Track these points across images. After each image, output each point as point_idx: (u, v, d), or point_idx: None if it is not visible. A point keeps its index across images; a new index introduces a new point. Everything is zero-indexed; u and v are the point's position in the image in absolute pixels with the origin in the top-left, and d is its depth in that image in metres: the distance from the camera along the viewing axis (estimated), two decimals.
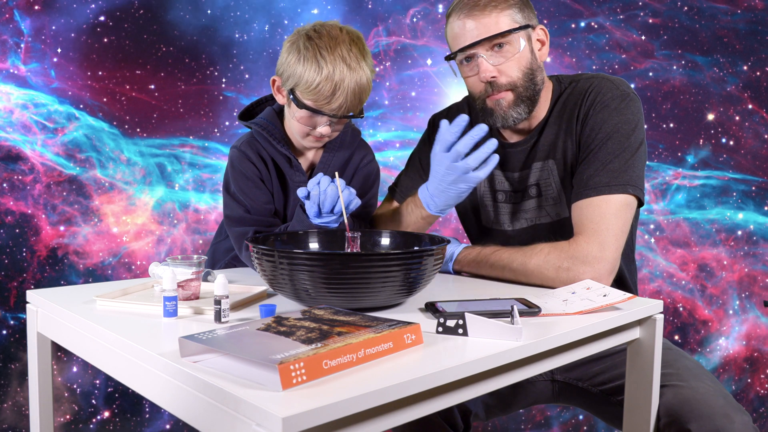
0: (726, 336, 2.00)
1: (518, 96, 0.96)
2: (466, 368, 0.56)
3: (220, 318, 0.67)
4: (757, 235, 1.99)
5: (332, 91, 0.89)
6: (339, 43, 0.89)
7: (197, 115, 1.93)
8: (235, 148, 1.00)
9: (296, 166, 1.00)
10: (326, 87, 0.88)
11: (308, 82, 0.89)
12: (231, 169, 0.99)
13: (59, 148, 1.86)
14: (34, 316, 0.80)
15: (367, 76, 0.91)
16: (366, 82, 0.91)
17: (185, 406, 0.53)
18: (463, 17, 0.94)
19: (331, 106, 0.90)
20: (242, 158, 0.98)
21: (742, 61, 1.97)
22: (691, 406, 0.81)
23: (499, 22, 0.92)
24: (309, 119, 0.93)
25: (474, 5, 0.93)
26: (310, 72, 0.89)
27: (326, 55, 0.88)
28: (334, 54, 0.88)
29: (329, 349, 0.52)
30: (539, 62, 0.97)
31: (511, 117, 0.97)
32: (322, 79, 0.88)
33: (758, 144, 1.99)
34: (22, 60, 1.82)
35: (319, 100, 0.90)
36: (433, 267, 0.75)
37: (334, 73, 0.88)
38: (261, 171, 0.99)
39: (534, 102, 0.97)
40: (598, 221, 0.89)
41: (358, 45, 0.92)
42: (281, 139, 0.99)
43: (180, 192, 1.94)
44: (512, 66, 0.94)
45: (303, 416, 0.44)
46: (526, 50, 0.94)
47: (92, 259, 1.87)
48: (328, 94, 0.89)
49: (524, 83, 0.95)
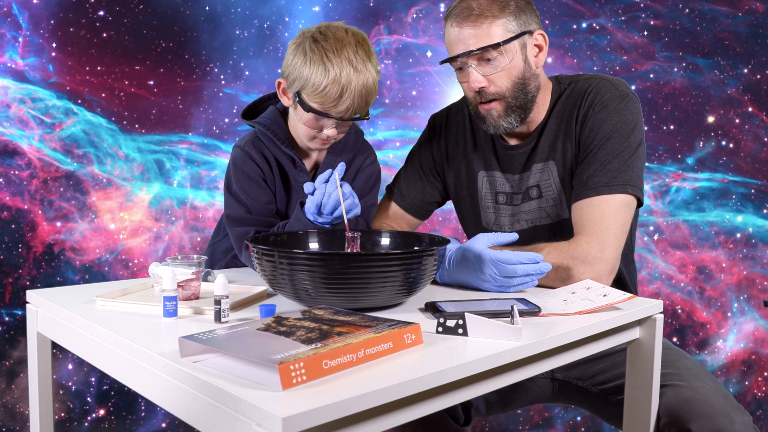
0: (724, 338, 2.01)
1: (508, 106, 0.96)
2: (466, 368, 0.56)
3: (220, 318, 0.67)
4: (755, 237, 2.00)
5: (339, 93, 0.88)
6: (345, 45, 0.89)
7: (196, 111, 1.92)
8: (238, 148, 0.99)
9: (300, 167, 1.00)
10: (333, 90, 0.88)
11: (315, 85, 0.88)
12: (234, 168, 0.98)
13: (56, 144, 1.84)
14: (34, 316, 0.80)
15: (373, 77, 0.91)
16: (372, 84, 0.91)
17: (185, 406, 0.53)
18: (456, 25, 0.94)
19: (338, 108, 0.90)
20: (245, 158, 0.97)
21: (742, 64, 1.98)
22: (691, 406, 0.81)
23: (491, 33, 0.91)
24: (315, 122, 0.93)
25: (468, 15, 0.92)
26: (317, 75, 0.88)
27: (333, 57, 0.88)
28: (340, 56, 0.88)
29: (329, 349, 0.52)
30: (534, 69, 0.96)
31: (501, 126, 0.97)
32: (329, 81, 0.88)
33: (758, 147, 1.99)
34: (19, 54, 1.81)
35: (326, 102, 0.89)
36: (433, 267, 0.75)
37: (341, 75, 0.87)
38: (264, 171, 0.98)
39: (526, 110, 0.97)
40: (597, 221, 0.89)
41: (364, 46, 0.91)
42: (285, 139, 0.99)
43: (178, 189, 1.93)
44: (502, 76, 0.94)
45: (303, 416, 0.44)
46: (518, 60, 0.94)
47: (89, 255, 1.86)
48: (335, 96, 0.88)
49: (514, 93, 0.95)
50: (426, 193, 1.13)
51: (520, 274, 0.81)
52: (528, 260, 0.81)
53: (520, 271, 0.81)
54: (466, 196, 1.10)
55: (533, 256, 0.81)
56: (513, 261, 0.81)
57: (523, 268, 0.81)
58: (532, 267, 0.81)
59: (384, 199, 1.16)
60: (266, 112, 1.01)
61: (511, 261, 0.81)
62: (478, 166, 1.08)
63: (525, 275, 0.81)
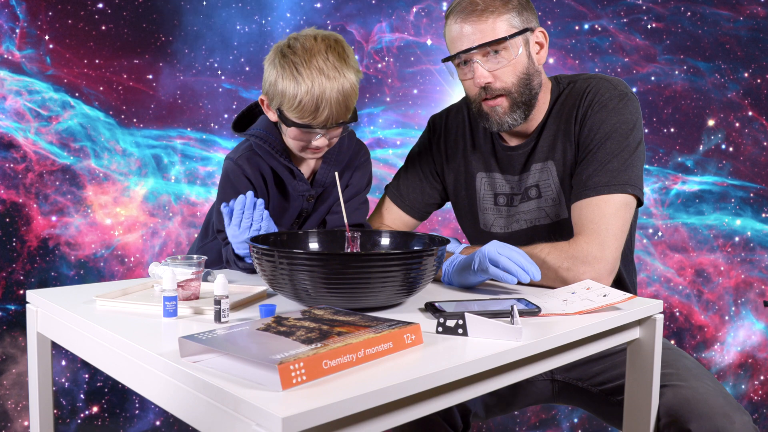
0: (721, 342, 2.02)
1: (513, 102, 0.95)
2: (466, 368, 0.56)
3: (220, 318, 0.67)
4: (754, 241, 2.01)
5: (315, 105, 0.87)
6: (314, 55, 0.87)
7: (195, 106, 1.91)
8: (231, 161, 0.96)
9: (299, 177, 0.98)
10: (309, 102, 0.87)
11: (291, 100, 0.88)
12: (224, 180, 0.97)
13: (53, 137, 1.83)
14: (34, 316, 0.79)
15: (349, 81, 0.89)
16: (350, 88, 0.89)
17: (185, 406, 0.53)
18: (460, 21, 0.93)
19: (318, 119, 0.89)
20: (237, 173, 0.95)
21: (743, 68, 1.99)
22: (691, 406, 0.81)
23: (496, 27, 0.91)
24: (302, 135, 0.92)
25: (472, 10, 0.92)
26: (290, 89, 0.87)
27: (302, 69, 0.86)
28: (310, 67, 0.86)
29: (329, 349, 0.52)
30: (537, 65, 0.96)
31: (506, 123, 0.97)
32: (303, 95, 0.86)
33: (757, 151, 2.00)
34: (16, 46, 1.79)
35: (305, 116, 0.88)
36: (433, 267, 0.74)
37: (314, 87, 0.86)
38: (256, 186, 0.97)
39: (530, 106, 0.97)
40: (597, 221, 0.89)
41: (337, 50, 0.89)
42: (282, 150, 0.97)
43: (175, 184, 1.91)
44: (508, 71, 0.93)
45: (303, 416, 0.44)
46: (523, 55, 0.94)
47: (84, 251, 1.84)
48: (312, 109, 0.87)
49: (519, 89, 0.95)
50: (425, 194, 1.13)
51: (502, 265, 0.80)
52: (521, 264, 0.80)
53: (503, 262, 0.80)
54: (465, 198, 1.10)
55: (525, 269, 0.80)
56: (512, 256, 0.80)
57: (512, 264, 0.80)
58: (516, 269, 0.79)
59: (383, 200, 1.16)
60: (258, 122, 0.99)
61: (512, 257, 0.80)
62: (477, 167, 1.07)
63: (505, 269, 0.80)
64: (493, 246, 0.82)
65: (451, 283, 0.90)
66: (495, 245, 0.82)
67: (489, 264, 0.81)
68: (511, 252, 0.81)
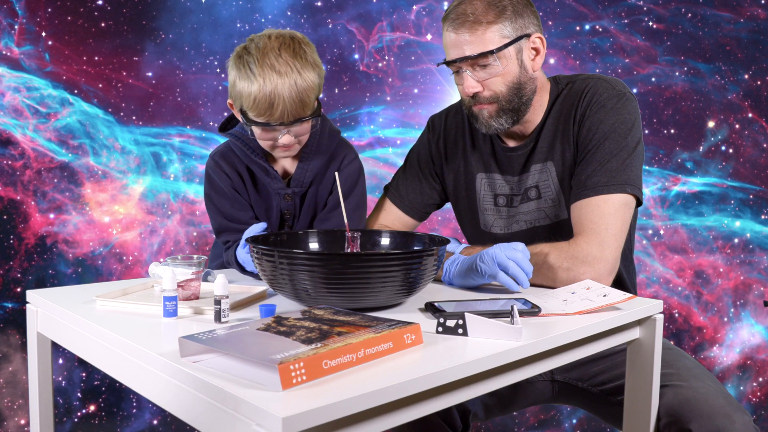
0: (720, 343, 2.02)
1: (500, 108, 0.96)
2: (466, 368, 0.56)
3: (220, 318, 0.67)
4: (753, 243, 2.01)
5: (269, 102, 0.88)
6: (266, 53, 0.89)
7: (195, 104, 1.90)
8: (211, 157, 1.02)
9: (273, 175, 1.00)
10: (262, 100, 0.88)
11: (247, 99, 0.89)
12: (206, 175, 1.02)
13: (51, 134, 1.82)
14: (34, 316, 0.79)
15: (305, 77, 0.89)
16: (304, 83, 0.89)
17: (185, 406, 0.53)
18: (452, 30, 0.93)
19: (273, 116, 0.90)
20: (216, 168, 1.00)
21: (743, 70, 1.99)
22: (691, 406, 0.81)
23: (486, 40, 0.91)
24: (264, 133, 0.93)
25: (464, 21, 0.92)
26: (245, 88, 0.89)
27: (255, 68, 0.88)
28: (262, 65, 0.88)
29: (329, 349, 0.52)
30: (530, 72, 0.96)
31: (492, 126, 0.97)
32: (256, 92, 0.88)
33: (757, 153, 2.00)
34: (15, 42, 1.78)
35: (261, 113, 0.90)
36: (433, 267, 0.74)
37: (265, 84, 0.87)
38: (234, 181, 1.00)
39: (519, 113, 0.97)
40: (597, 221, 0.89)
41: (292, 47, 0.90)
42: (257, 148, 0.99)
43: (174, 182, 1.91)
44: (497, 81, 0.94)
45: (303, 416, 0.44)
46: (513, 65, 0.94)
47: (82, 248, 1.83)
48: (266, 106, 0.88)
49: (508, 97, 0.95)
50: (425, 194, 1.13)
51: (511, 271, 0.81)
52: (527, 271, 0.81)
53: (512, 268, 0.81)
54: (465, 198, 1.10)
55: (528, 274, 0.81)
56: (516, 257, 0.81)
57: (520, 271, 0.81)
58: (523, 277, 0.81)
59: (381, 200, 1.16)
60: (240, 123, 1.02)
61: (519, 262, 0.81)
62: (477, 168, 1.07)
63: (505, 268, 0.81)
64: (500, 249, 0.82)
65: (451, 284, 0.90)
66: (502, 248, 0.82)
67: (498, 270, 0.81)
68: (516, 253, 0.82)
